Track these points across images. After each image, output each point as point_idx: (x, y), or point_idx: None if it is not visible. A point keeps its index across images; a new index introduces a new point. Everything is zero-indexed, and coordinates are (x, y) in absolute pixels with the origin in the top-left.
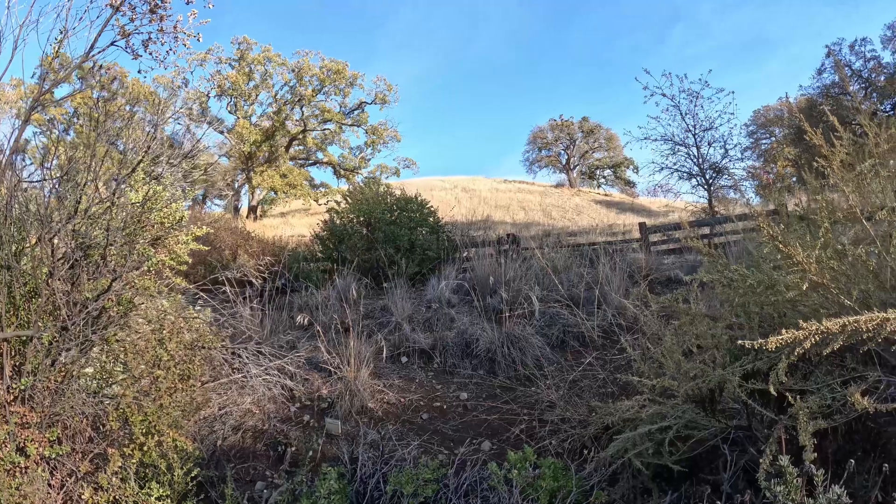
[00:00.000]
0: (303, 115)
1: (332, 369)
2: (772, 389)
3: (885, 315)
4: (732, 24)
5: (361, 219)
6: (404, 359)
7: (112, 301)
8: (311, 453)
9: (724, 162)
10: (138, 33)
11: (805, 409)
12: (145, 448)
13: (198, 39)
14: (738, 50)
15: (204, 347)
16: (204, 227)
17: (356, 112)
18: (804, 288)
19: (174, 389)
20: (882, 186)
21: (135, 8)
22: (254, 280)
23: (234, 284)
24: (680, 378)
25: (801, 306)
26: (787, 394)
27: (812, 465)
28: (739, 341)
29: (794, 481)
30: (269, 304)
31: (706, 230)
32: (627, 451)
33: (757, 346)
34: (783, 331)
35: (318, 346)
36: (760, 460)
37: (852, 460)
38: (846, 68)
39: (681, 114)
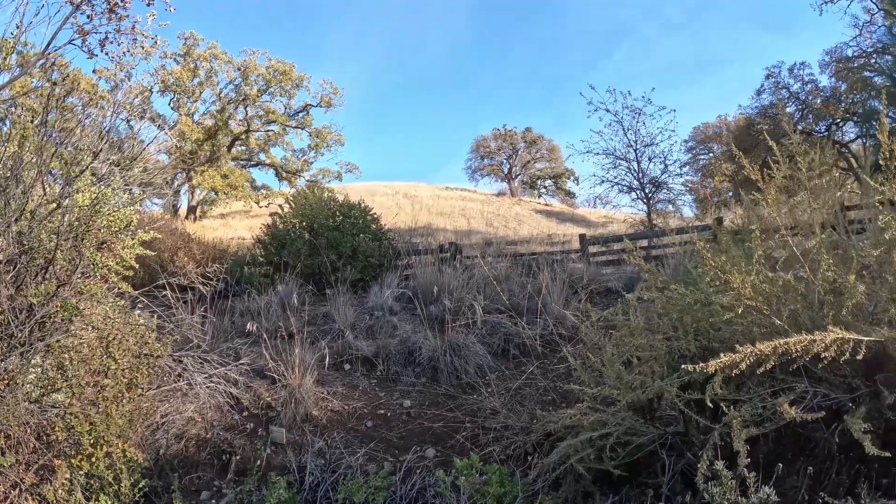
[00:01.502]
0: (247, 115)
1: (277, 377)
2: (708, 402)
3: (811, 337)
4: (676, 44)
5: (304, 224)
6: (347, 366)
7: (57, 307)
8: (258, 462)
9: (663, 177)
10: (95, 32)
11: (738, 418)
12: (94, 459)
13: (155, 43)
14: (680, 68)
15: (150, 355)
16: (151, 231)
17: (301, 114)
18: (739, 311)
19: (121, 399)
20: (810, 216)
21: (94, 6)
22: (196, 285)
23: (175, 289)
24: (620, 387)
25: (735, 325)
26: (722, 403)
27: (745, 469)
28: (683, 366)
29: (729, 483)
30: (211, 310)
31: (645, 242)
32: (570, 457)
33: (699, 369)
34: (722, 355)
35: (262, 352)
36: (698, 465)
37: (780, 464)
38: (784, 90)
39: (623, 129)
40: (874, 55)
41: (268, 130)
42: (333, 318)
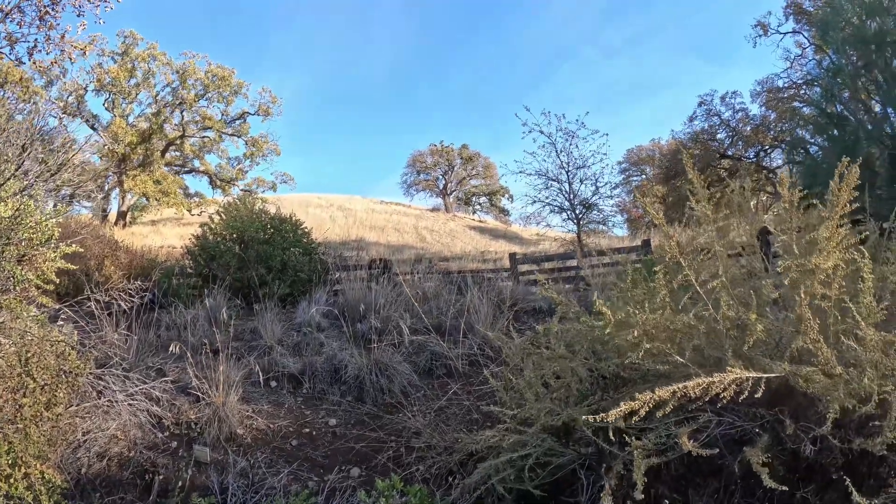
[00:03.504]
0: (182, 119)
1: (201, 394)
2: (610, 434)
3: (710, 379)
4: (616, 68)
5: (235, 236)
6: (274, 383)
7: None
8: (179, 483)
9: (594, 198)
10: (24, 41)
11: (639, 449)
12: (12, 480)
13: (83, 54)
14: (619, 91)
15: (71, 372)
16: (74, 245)
17: (238, 122)
18: (640, 355)
19: (40, 417)
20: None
21: (24, 14)
22: (118, 301)
23: (100, 301)
24: (538, 410)
25: (640, 359)
26: (631, 431)
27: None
28: (584, 416)
29: None
30: (136, 323)
31: (574, 262)
32: (491, 477)
33: (599, 419)
34: (622, 403)
35: (187, 369)
36: (602, 494)
37: (690, 487)
38: (716, 117)
39: (556, 151)
40: (804, 87)
41: (203, 136)
42: (261, 334)
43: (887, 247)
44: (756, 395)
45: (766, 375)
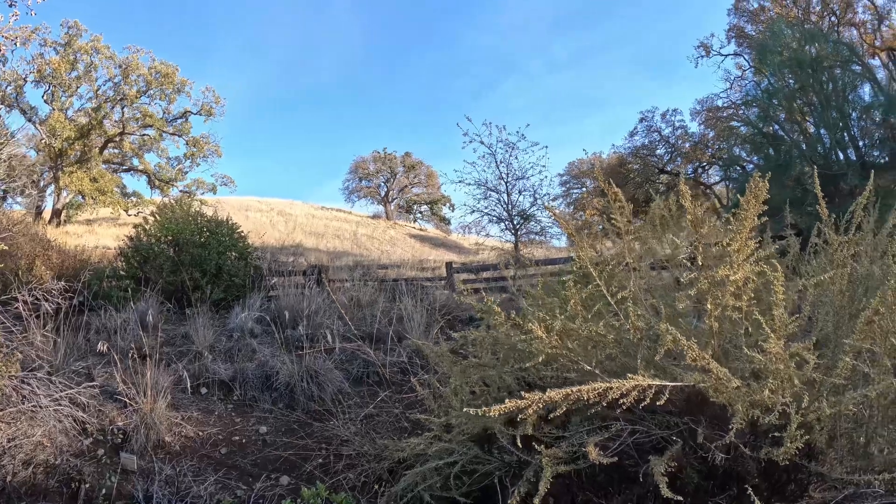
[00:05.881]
0: (123, 116)
1: (128, 400)
2: (518, 442)
3: (607, 385)
4: (561, 82)
5: (170, 238)
6: (204, 390)
7: None
8: (104, 491)
9: (532, 210)
10: None
11: (549, 457)
12: None
13: (16, 44)
14: (564, 105)
15: None
16: (2, 243)
17: (179, 121)
18: (540, 359)
19: None
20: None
21: None
22: (44, 304)
23: (27, 302)
24: (461, 418)
25: (551, 368)
26: (545, 439)
27: None
28: (467, 409)
29: None
30: (64, 325)
31: (510, 272)
32: (418, 484)
33: (482, 413)
34: (507, 400)
35: (115, 374)
36: (508, 501)
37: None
38: (656, 133)
39: (496, 162)
40: (742, 107)
41: (143, 134)
42: (193, 339)
43: (807, 261)
44: (659, 403)
45: (669, 384)
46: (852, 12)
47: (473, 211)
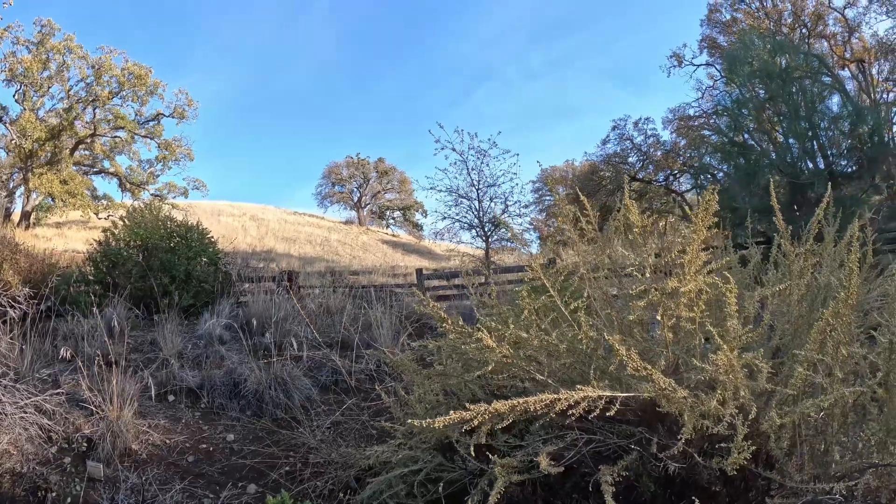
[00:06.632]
0: (94, 117)
1: (95, 408)
2: (471, 450)
3: (555, 396)
4: (537, 90)
5: (138, 243)
6: (172, 397)
7: None
8: (69, 499)
9: (503, 217)
10: None
11: (502, 466)
12: None
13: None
14: (540, 113)
15: None
16: None
17: (152, 123)
18: (488, 369)
19: None
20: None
21: None
22: (8, 310)
23: None
24: (422, 426)
25: (504, 377)
26: (502, 448)
27: None
28: (389, 424)
29: None
30: (31, 331)
31: (482, 279)
32: (383, 492)
33: (426, 424)
34: (452, 412)
35: (82, 381)
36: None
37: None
38: (628, 141)
39: (468, 169)
40: (713, 116)
41: (115, 136)
42: (160, 346)
43: (769, 270)
44: (609, 414)
45: (620, 395)
46: (823, 24)
47: (445, 217)
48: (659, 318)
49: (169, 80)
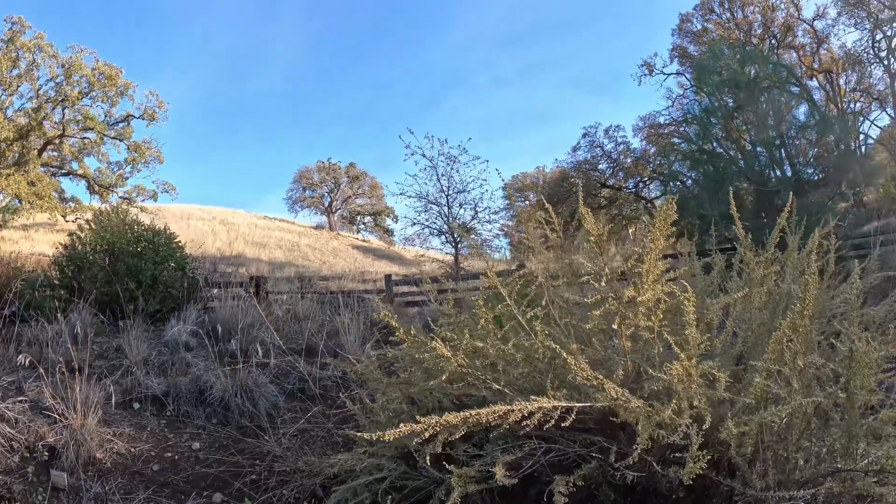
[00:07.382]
0: (63, 117)
1: (58, 416)
2: (427, 460)
3: (508, 408)
4: (508, 97)
5: (105, 247)
6: (137, 405)
7: None
8: None
9: (472, 223)
10: None
11: (459, 476)
12: None
13: None
14: (511, 119)
15: None
16: None
17: (121, 124)
18: (443, 378)
19: None
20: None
21: None
22: None
23: None
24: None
25: (460, 386)
26: (461, 457)
27: None
28: (352, 433)
29: None
30: None
31: (452, 285)
32: (348, 500)
33: (375, 438)
34: (402, 425)
35: (45, 388)
36: None
37: None
38: (598, 148)
39: (437, 175)
40: (683, 124)
41: (84, 138)
42: (126, 353)
43: (729, 277)
44: (565, 424)
45: (577, 405)
46: (792, 35)
47: (415, 223)
48: (615, 327)
49: (139, 81)
